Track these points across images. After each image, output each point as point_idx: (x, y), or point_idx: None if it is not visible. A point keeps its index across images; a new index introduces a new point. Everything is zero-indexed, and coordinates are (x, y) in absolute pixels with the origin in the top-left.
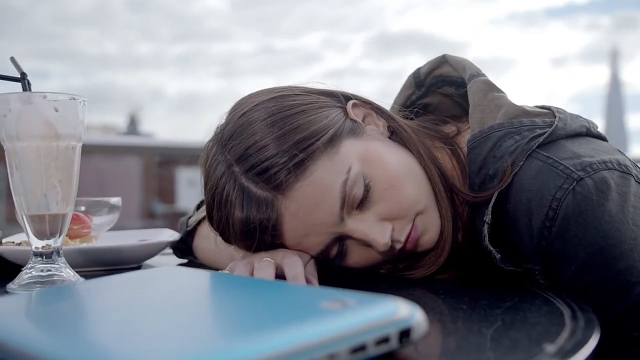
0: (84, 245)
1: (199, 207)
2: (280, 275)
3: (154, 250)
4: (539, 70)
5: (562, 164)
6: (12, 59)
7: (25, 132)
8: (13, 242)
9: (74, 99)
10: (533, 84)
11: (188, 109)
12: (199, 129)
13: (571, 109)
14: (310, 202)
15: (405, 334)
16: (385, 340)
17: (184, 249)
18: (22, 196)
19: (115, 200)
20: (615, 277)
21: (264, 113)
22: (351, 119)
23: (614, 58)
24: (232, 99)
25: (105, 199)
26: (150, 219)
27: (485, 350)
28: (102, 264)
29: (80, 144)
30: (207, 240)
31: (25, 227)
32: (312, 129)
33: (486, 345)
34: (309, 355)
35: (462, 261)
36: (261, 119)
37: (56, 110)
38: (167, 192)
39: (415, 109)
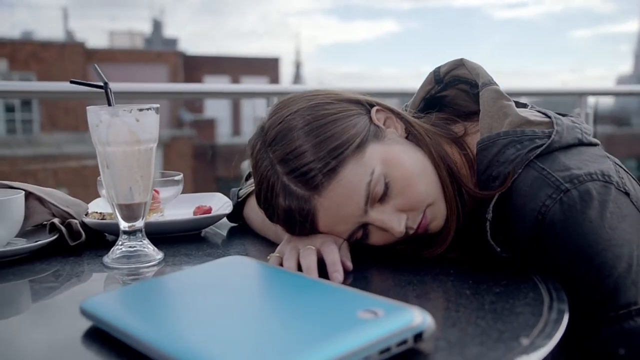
0: (161, 219)
1: (247, 178)
2: (320, 258)
3: (214, 221)
4: None
5: (554, 176)
6: (95, 68)
7: (114, 139)
8: (97, 212)
9: (151, 109)
10: None
11: (211, 13)
12: (222, 34)
13: None
14: (340, 200)
15: (418, 336)
16: (404, 342)
17: (235, 216)
18: (112, 189)
19: (179, 177)
20: (591, 272)
21: (302, 121)
22: (375, 124)
23: None
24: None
25: (169, 177)
26: (178, 127)
27: (476, 345)
28: (174, 233)
29: (156, 144)
30: (256, 212)
31: (115, 212)
32: (343, 138)
33: (478, 339)
34: (351, 359)
35: (469, 243)
36: (299, 127)
37: (137, 120)
38: (194, 101)
39: (433, 112)
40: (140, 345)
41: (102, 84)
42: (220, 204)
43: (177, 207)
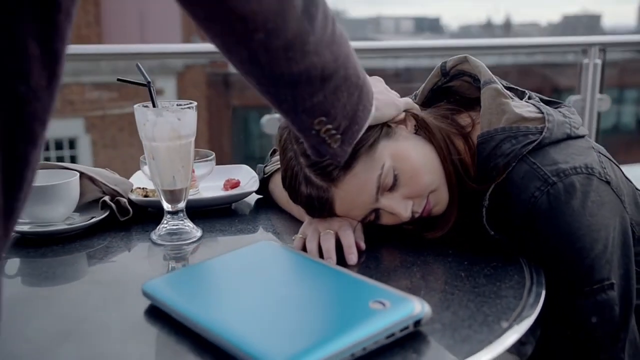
0: (197, 195)
1: (272, 154)
2: (337, 240)
3: (244, 196)
4: None
5: (543, 170)
6: (138, 67)
7: (159, 136)
8: (140, 188)
9: (190, 107)
10: None
11: None
12: None
13: None
14: (354, 190)
15: (418, 322)
16: (406, 328)
17: (261, 189)
18: (158, 177)
19: (211, 156)
20: (571, 253)
21: None
22: (387, 124)
23: None
24: None
25: (204, 156)
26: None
27: (465, 327)
28: (210, 207)
29: (194, 137)
30: (280, 189)
31: (160, 196)
32: (360, 138)
33: (467, 321)
34: (364, 344)
35: (468, 226)
36: None
37: (179, 119)
38: None
39: (442, 104)
40: (191, 324)
41: (145, 82)
42: (247, 177)
43: (208, 179)
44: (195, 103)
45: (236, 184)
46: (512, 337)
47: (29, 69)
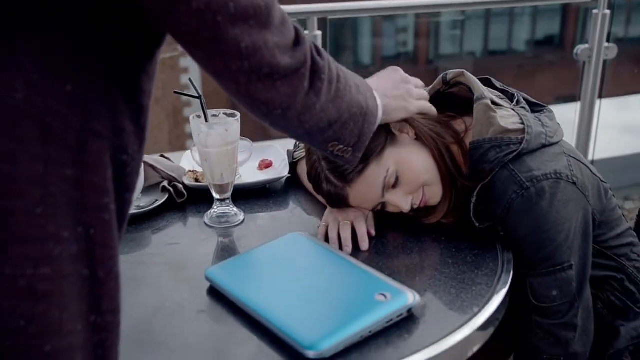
0: (240, 180)
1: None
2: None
3: (278, 179)
4: None
5: (519, 177)
6: (190, 81)
7: (210, 144)
8: (192, 171)
9: (235, 119)
10: None
11: None
12: None
13: None
14: (364, 189)
15: (410, 310)
16: (401, 314)
17: (290, 170)
18: (209, 174)
19: (250, 143)
20: (538, 242)
21: None
22: (392, 132)
23: None
24: None
25: (243, 144)
26: None
27: (446, 312)
28: (250, 188)
29: (238, 143)
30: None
31: (211, 188)
32: (370, 147)
33: (448, 306)
34: (370, 329)
35: (459, 214)
36: None
37: (226, 130)
38: None
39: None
40: (240, 305)
41: (197, 96)
42: (279, 158)
43: (245, 167)
44: (239, 114)
45: (269, 164)
46: (480, 319)
47: (127, 143)
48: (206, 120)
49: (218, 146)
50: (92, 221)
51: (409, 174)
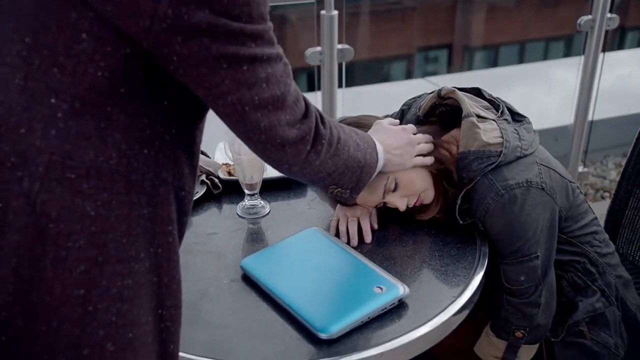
0: (266, 175)
1: None
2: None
3: None
4: None
5: (496, 185)
6: None
7: (243, 152)
8: (225, 164)
9: None
10: None
11: None
12: None
13: None
14: (368, 192)
15: (400, 300)
16: (393, 304)
17: None
18: (241, 175)
19: None
20: (509, 239)
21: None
22: None
23: None
24: None
25: None
26: None
27: (428, 301)
28: (272, 182)
29: None
30: None
31: (243, 186)
32: None
33: (430, 296)
34: (369, 315)
35: (447, 212)
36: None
37: None
38: None
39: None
40: (269, 292)
41: None
42: None
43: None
44: None
45: None
46: (457, 305)
47: (185, 183)
48: None
49: (249, 154)
50: (160, 243)
51: (406, 181)
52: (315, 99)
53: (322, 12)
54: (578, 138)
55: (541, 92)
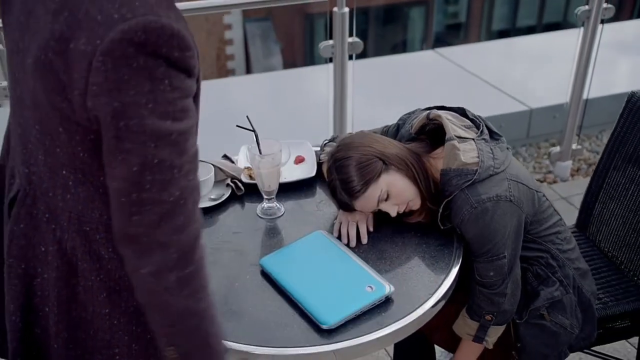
0: (283, 179)
1: (323, 147)
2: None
3: (309, 177)
4: None
5: (472, 200)
6: (247, 118)
7: (262, 167)
8: (247, 168)
9: (280, 151)
10: None
11: None
12: None
13: None
14: (365, 201)
15: (387, 297)
16: (381, 300)
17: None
18: (260, 184)
19: (288, 150)
20: (481, 244)
21: (354, 161)
22: (387, 164)
23: None
24: None
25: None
26: None
27: (409, 297)
28: (287, 184)
29: (280, 165)
30: None
31: (262, 192)
32: (371, 175)
33: (411, 292)
34: (360, 310)
35: (431, 217)
36: (352, 166)
37: (273, 159)
38: None
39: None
40: (282, 288)
41: (252, 130)
42: (310, 154)
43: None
44: (281, 147)
45: (302, 159)
46: (432, 300)
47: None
48: (260, 152)
49: (267, 168)
50: None
51: (396, 193)
52: (327, 71)
53: (335, 9)
54: (573, 117)
55: (554, 67)
